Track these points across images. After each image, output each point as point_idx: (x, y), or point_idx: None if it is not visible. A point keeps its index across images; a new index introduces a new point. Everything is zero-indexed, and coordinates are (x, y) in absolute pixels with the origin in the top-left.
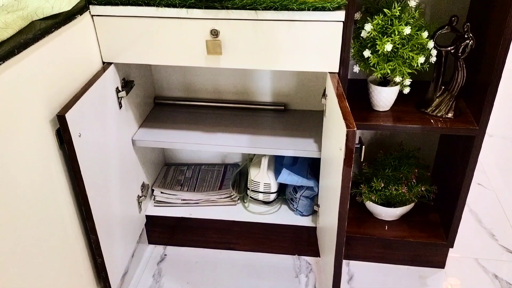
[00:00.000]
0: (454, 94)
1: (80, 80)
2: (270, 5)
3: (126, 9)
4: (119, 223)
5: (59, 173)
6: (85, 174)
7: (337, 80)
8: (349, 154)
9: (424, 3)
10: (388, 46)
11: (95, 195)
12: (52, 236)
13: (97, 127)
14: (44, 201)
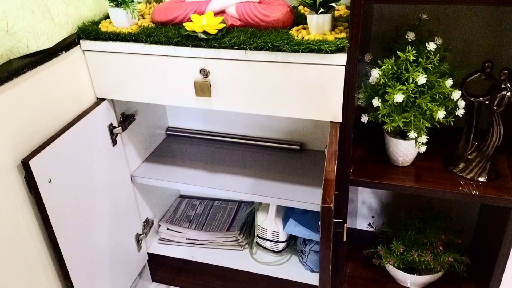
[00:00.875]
0: (488, 154)
1: (65, 119)
2: (261, 45)
3: (115, 45)
4: (108, 265)
5: (28, 219)
6: (56, 220)
7: (337, 133)
8: (325, 233)
9: (453, 43)
10: (399, 97)
11: (70, 240)
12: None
13: (77, 169)
14: (12, 250)
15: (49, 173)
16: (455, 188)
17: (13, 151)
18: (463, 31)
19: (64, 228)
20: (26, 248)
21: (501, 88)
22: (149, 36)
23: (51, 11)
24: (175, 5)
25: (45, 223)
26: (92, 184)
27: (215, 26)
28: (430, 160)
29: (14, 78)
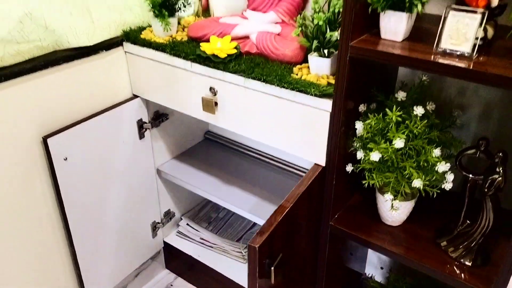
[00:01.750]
0: (475, 238)
1: (99, 107)
2: (258, 76)
3: (147, 51)
4: (115, 243)
5: (45, 189)
6: (66, 193)
7: (313, 175)
8: (251, 270)
9: (458, 111)
10: (375, 155)
11: (79, 212)
12: (32, 247)
13: (97, 153)
14: (28, 212)
15: (66, 152)
16: (434, 263)
17: (41, 128)
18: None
19: (73, 201)
20: (39, 212)
21: (494, 170)
22: (172, 49)
23: (93, 15)
24: (208, 24)
25: (57, 194)
26: (111, 168)
27: (227, 51)
28: (422, 226)
29: (56, 65)
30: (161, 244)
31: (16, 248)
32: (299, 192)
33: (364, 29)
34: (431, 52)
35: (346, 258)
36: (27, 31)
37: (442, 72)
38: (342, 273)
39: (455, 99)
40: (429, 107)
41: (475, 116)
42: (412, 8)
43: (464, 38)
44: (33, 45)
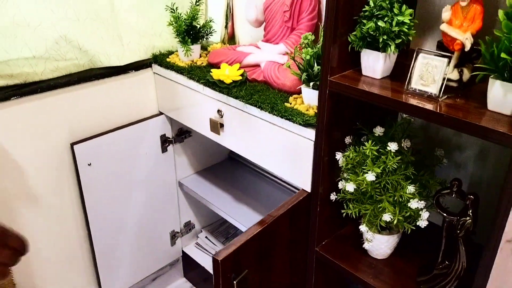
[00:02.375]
0: (451, 280)
1: (127, 121)
2: (254, 103)
3: (170, 73)
4: (134, 247)
5: (72, 190)
6: (89, 195)
7: (294, 201)
8: (215, 282)
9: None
10: (350, 186)
11: (99, 214)
12: (58, 241)
13: (120, 161)
14: (56, 211)
15: (91, 158)
16: None
17: (71, 136)
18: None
19: (95, 203)
20: (66, 211)
21: (466, 213)
22: (189, 73)
23: (123, 40)
24: (225, 51)
25: (81, 196)
26: (133, 177)
27: (233, 77)
28: (407, 261)
29: (89, 81)
30: (179, 253)
31: (47, 241)
32: (278, 214)
33: (349, 65)
34: (402, 92)
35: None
36: (64, 50)
37: (408, 111)
38: None
39: (453, 138)
40: (404, 144)
41: (471, 156)
42: (386, 48)
43: (433, 80)
44: (70, 63)
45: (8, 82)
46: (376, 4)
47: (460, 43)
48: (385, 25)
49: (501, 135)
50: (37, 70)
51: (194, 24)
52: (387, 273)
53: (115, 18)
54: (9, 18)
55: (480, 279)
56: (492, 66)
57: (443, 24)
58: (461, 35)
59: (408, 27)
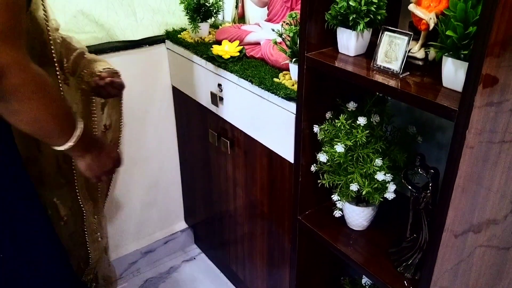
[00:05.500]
0: (416, 251)
1: (142, 90)
2: (245, 77)
3: (180, 49)
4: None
5: None
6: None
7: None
8: None
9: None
10: (322, 157)
11: None
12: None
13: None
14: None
15: None
16: (378, 272)
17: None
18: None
19: None
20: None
21: (427, 187)
22: (194, 48)
23: (137, 16)
24: (230, 29)
25: None
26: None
27: (231, 53)
28: (383, 234)
29: (104, 54)
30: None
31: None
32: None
33: (328, 42)
34: (369, 68)
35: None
36: (82, 24)
37: (370, 86)
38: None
39: (435, 119)
40: (373, 119)
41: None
42: (356, 26)
43: (395, 57)
44: (90, 36)
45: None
46: None
47: (426, 23)
48: (355, 4)
49: (444, 109)
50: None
51: (202, 2)
52: (362, 244)
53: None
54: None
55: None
56: (445, 44)
57: (411, 4)
58: (425, 15)
59: (376, 7)
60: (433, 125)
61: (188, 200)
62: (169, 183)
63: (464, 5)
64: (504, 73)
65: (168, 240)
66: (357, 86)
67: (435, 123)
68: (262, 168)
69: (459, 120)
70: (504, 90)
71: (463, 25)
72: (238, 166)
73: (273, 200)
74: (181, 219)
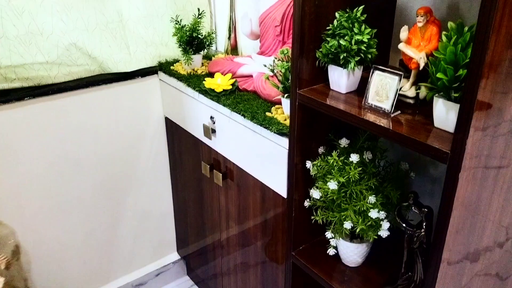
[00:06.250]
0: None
1: (132, 125)
2: (237, 111)
3: (173, 80)
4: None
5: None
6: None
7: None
8: None
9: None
10: (316, 193)
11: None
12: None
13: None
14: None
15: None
16: None
17: (80, 138)
18: None
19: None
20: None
21: (421, 225)
22: (187, 80)
23: (130, 48)
24: (222, 61)
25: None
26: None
27: (224, 86)
28: (378, 271)
29: (96, 86)
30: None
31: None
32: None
33: (320, 78)
34: (360, 107)
35: None
36: (75, 57)
37: (361, 125)
38: None
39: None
40: (366, 156)
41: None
42: (347, 64)
43: (386, 96)
44: (82, 68)
45: (23, 84)
46: (338, 23)
47: (416, 62)
48: (346, 43)
49: (436, 151)
50: (51, 74)
51: (195, 35)
52: (356, 281)
53: (123, 28)
54: (24, 27)
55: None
56: (435, 85)
57: (401, 44)
58: (416, 54)
59: (366, 46)
60: (425, 159)
61: (181, 231)
62: (162, 213)
63: (453, 48)
64: (495, 114)
65: (160, 272)
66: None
67: (427, 157)
68: (255, 201)
69: (452, 163)
70: (496, 128)
71: (453, 67)
72: (231, 199)
73: (267, 234)
74: (174, 250)
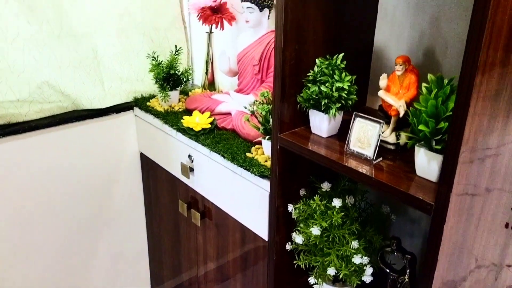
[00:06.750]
0: None
1: (107, 162)
2: (217, 151)
3: (149, 117)
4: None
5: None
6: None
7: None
8: None
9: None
10: (298, 238)
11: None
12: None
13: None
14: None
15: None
16: None
17: (52, 176)
18: None
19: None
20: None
21: (405, 271)
22: (164, 118)
23: (105, 85)
24: (200, 98)
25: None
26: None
27: (202, 125)
28: None
29: (69, 123)
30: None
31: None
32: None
33: (301, 121)
34: (342, 152)
35: None
36: (47, 94)
37: (343, 172)
38: None
39: None
40: (348, 200)
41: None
42: (328, 110)
43: (368, 143)
44: (54, 105)
45: None
46: (319, 70)
47: (396, 109)
48: (327, 89)
49: (420, 201)
50: (22, 111)
51: (172, 72)
52: None
53: (97, 65)
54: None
55: None
56: (417, 136)
57: (381, 91)
58: (396, 102)
59: (347, 92)
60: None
61: (155, 271)
62: (135, 252)
63: (435, 102)
64: (478, 165)
65: None
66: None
67: None
68: (235, 243)
69: (436, 214)
70: (477, 186)
71: (434, 120)
72: (209, 239)
73: (247, 276)
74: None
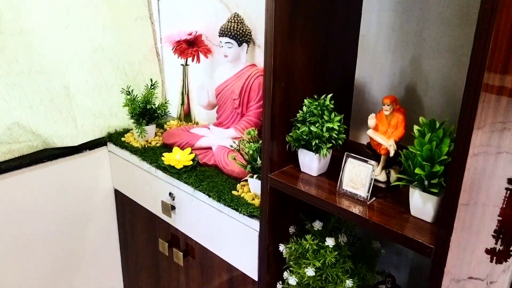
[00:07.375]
0: None
1: (81, 200)
2: (201, 189)
3: (124, 153)
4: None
5: None
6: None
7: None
8: None
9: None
10: (292, 280)
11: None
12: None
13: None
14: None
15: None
16: None
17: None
18: None
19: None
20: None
21: None
22: (142, 155)
23: (77, 121)
24: (178, 133)
25: None
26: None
27: (184, 162)
28: None
29: (41, 163)
30: None
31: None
32: None
33: (289, 160)
34: (335, 192)
35: None
36: (17, 134)
37: (337, 213)
38: None
39: None
40: (341, 239)
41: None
42: (319, 150)
43: (361, 183)
44: (24, 145)
45: None
46: (308, 110)
47: (386, 148)
48: (317, 130)
49: (419, 244)
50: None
51: (149, 107)
52: None
53: (69, 102)
54: None
55: None
56: (412, 178)
57: (369, 130)
58: (385, 141)
59: (337, 132)
60: None
61: None
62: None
63: (429, 146)
64: (476, 206)
65: None
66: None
67: None
68: (222, 284)
69: (436, 257)
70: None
71: (430, 164)
72: (193, 280)
73: None
74: None
